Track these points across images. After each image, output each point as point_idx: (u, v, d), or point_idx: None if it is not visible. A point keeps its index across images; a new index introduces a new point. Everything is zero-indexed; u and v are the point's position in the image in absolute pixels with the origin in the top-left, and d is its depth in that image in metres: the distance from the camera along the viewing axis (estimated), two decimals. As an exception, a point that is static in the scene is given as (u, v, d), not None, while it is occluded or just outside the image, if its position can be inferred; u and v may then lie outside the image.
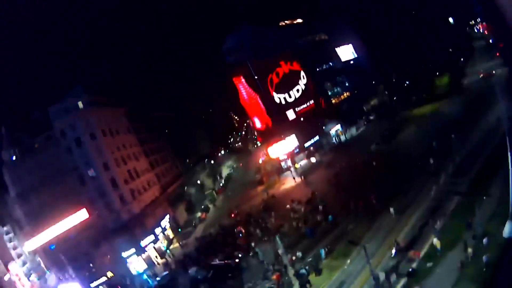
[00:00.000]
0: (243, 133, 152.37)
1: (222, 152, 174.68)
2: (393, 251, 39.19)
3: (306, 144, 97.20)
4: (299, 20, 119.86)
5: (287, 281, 42.43)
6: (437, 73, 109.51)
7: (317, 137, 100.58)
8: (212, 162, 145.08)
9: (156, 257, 72.21)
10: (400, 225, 43.73)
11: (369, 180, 59.30)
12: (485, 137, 49.20)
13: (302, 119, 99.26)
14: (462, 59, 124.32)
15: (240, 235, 61.88)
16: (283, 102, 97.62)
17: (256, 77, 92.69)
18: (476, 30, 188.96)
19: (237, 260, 52.44)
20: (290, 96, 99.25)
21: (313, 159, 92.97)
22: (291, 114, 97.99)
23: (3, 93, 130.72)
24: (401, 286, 35.27)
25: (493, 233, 34.50)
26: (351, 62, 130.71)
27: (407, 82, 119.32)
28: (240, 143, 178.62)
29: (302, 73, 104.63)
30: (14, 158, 74.18)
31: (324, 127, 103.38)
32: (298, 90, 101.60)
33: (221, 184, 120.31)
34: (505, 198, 34.45)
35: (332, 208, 56.07)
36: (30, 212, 71.14)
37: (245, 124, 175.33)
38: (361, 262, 39.13)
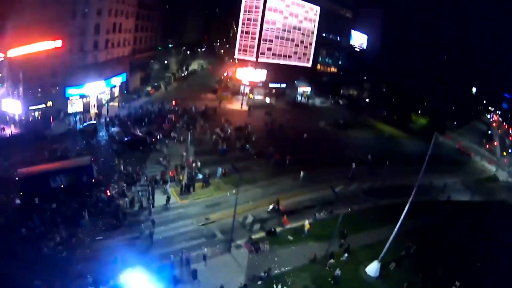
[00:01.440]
0: (229, 43, 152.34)
1: (202, 49, 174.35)
2: (270, 206, 43.81)
3: (271, 85, 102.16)
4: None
5: (176, 178, 47.42)
6: (420, 111, 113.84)
7: (284, 85, 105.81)
8: (188, 52, 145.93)
9: (94, 106, 76.01)
10: (293, 193, 48.53)
11: (298, 145, 65.54)
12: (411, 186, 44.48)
13: (281, 63, 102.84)
14: (455, 123, 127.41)
15: (169, 122, 67.39)
16: (276, 39, 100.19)
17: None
18: (488, 116, 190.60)
19: (153, 139, 58.00)
20: (284, 38, 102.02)
21: (268, 99, 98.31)
22: (275, 55, 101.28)
23: None
24: (257, 236, 38.92)
25: (359, 259, 37.31)
26: (357, 49, 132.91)
27: (393, 100, 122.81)
28: (222, 50, 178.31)
29: (310, 28, 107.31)
30: None
31: (295, 81, 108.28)
32: (294, 38, 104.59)
33: (182, 74, 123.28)
34: (386, 239, 35.43)
35: (254, 144, 61.77)
36: (12, 24, 70.81)
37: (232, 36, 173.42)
38: (244, 199, 43.24)
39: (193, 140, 57.76)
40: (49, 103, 69.81)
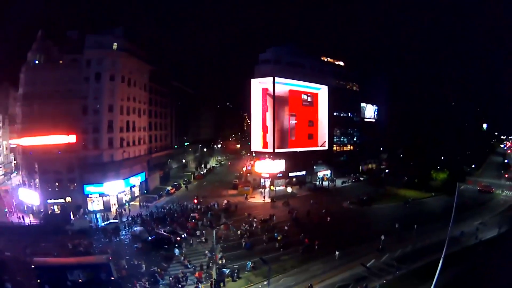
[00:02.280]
0: (244, 137, 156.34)
1: (219, 146, 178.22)
2: None
3: (291, 174, 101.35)
4: (341, 63, 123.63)
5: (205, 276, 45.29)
6: (439, 167, 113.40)
7: (304, 172, 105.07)
8: (205, 149, 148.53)
9: (115, 204, 76.19)
10: (325, 276, 46.16)
11: (324, 228, 63.60)
12: (442, 242, 44.75)
13: (298, 150, 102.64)
14: (473, 166, 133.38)
15: (193, 220, 65.94)
16: (290, 129, 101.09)
17: (275, 96, 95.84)
18: (502, 145, 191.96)
19: (178, 238, 56.15)
20: (298, 127, 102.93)
21: (289, 189, 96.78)
22: (291, 143, 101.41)
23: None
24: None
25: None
26: (369, 120, 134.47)
27: (411, 163, 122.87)
28: (238, 145, 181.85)
29: (320, 110, 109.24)
30: (37, 62, 78.18)
31: (314, 166, 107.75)
32: (308, 124, 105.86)
33: (202, 172, 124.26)
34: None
35: (281, 234, 59.32)
36: (27, 114, 74.82)
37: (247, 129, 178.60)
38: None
39: (218, 236, 56.09)
40: (68, 199, 71.57)
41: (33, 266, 38.47)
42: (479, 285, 42.71)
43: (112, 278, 40.87)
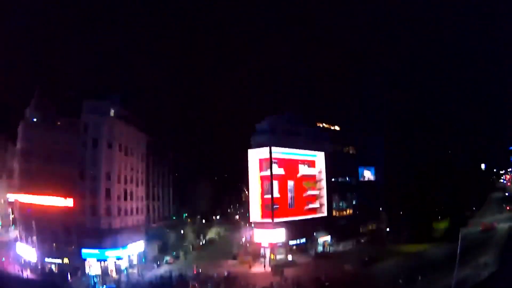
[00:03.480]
0: (243, 208, 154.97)
1: (218, 217, 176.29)
2: None
3: (291, 242, 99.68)
4: (336, 127, 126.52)
5: None
6: (439, 217, 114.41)
7: (303, 239, 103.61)
8: (203, 221, 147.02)
9: (111, 271, 74.84)
10: None
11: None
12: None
13: (298, 219, 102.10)
14: (474, 208, 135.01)
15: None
16: (288, 197, 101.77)
17: (273, 164, 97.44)
18: (501, 180, 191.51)
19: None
20: (297, 197, 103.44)
21: (290, 257, 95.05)
22: (290, 212, 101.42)
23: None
24: None
25: None
26: (366, 181, 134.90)
27: (411, 219, 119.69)
28: (237, 216, 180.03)
29: (317, 177, 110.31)
30: (35, 120, 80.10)
31: (314, 233, 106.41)
32: (306, 191, 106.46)
33: (201, 243, 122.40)
34: None
35: None
36: (25, 170, 75.56)
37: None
38: None
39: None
40: (66, 260, 71.44)
41: None
42: None
43: None
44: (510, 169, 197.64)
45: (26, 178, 75.27)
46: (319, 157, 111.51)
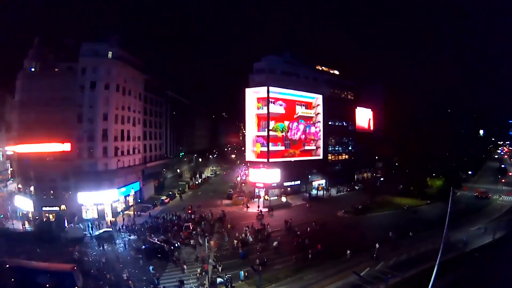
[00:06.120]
0: (239, 147, 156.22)
1: (214, 155, 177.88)
2: None
3: (286, 183, 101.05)
4: (336, 71, 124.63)
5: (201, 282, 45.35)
6: (434, 174, 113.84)
7: (298, 182, 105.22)
8: (200, 159, 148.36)
9: (108, 214, 76.06)
10: (319, 285, 45.80)
11: (318, 237, 62.49)
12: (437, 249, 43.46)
13: (294, 160, 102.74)
14: (470, 172, 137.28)
15: (187, 230, 65.58)
16: (284, 138, 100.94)
17: (272, 103, 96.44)
18: (499, 151, 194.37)
19: (172, 247, 55.81)
20: (292, 137, 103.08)
21: (283, 198, 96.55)
22: (286, 153, 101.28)
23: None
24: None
25: None
26: (364, 128, 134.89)
27: (406, 171, 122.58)
28: (233, 155, 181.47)
29: (315, 119, 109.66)
30: (32, 69, 78.14)
31: (309, 176, 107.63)
32: (303, 134, 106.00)
33: (196, 182, 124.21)
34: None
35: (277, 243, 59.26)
36: (23, 121, 74.79)
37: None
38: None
39: (212, 246, 56.51)
40: (63, 207, 72.20)
41: (7, 266, 40.65)
42: None
43: (77, 287, 41.24)
44: (509, 142, 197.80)
45: (24, 129, 74.14)
46: (317, 100, 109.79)
